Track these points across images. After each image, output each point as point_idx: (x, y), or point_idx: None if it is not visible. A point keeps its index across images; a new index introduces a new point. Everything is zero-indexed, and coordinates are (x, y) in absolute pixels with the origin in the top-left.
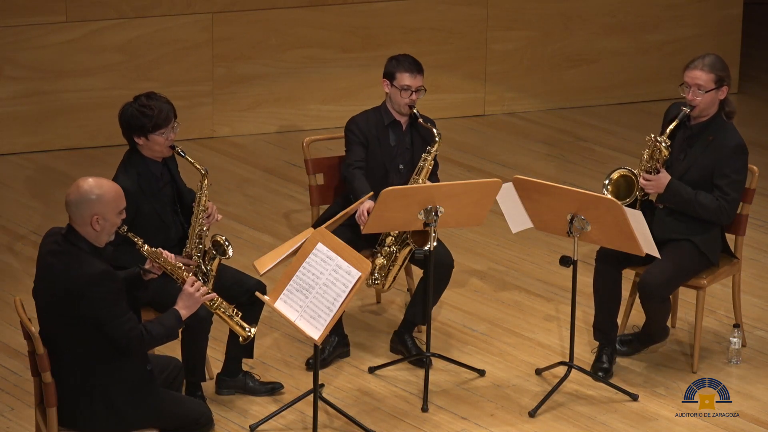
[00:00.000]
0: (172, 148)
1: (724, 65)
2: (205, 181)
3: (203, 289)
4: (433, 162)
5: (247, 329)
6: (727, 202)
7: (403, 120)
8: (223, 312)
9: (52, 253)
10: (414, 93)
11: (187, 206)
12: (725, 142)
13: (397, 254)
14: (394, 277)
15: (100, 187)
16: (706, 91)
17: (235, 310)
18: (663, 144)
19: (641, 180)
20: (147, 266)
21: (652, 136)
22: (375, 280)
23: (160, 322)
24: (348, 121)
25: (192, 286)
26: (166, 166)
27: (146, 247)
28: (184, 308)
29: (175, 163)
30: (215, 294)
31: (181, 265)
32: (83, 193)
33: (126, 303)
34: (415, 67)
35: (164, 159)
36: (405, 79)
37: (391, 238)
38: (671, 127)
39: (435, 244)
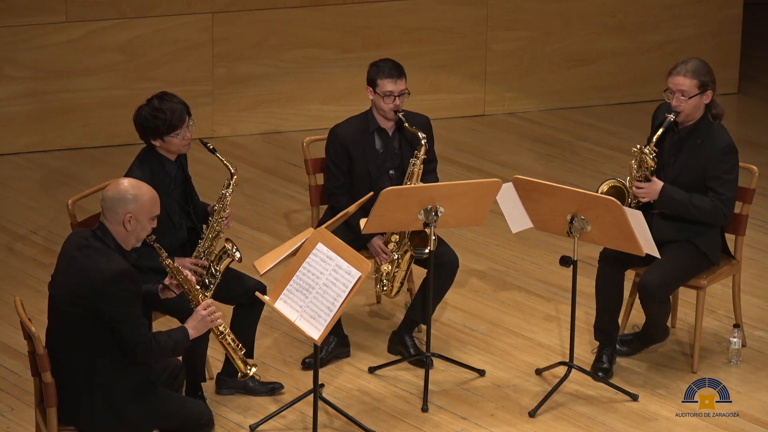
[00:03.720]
0: (204, 144)
1: (708, 69)
2: (233, 180)
3: (215, 314)
4: (422, 166)
5: (248, 367)
6: (722, 203)
7: (389, 125)
8: (228, 344)
9: (78, 247)
10: (397, 98)
11: (197, 212)
12: (714, 143)
13: (400, 260)
14: (401, 283)
15: (138, 188)
16: (690, 97)
17: (240, 345)
18: (648, 155)
19: (634, 189)
20: (167, 281)
21: (638, 146)
22: (383, 287)
23: (169, 335)
24: (329, 132)
25: (205, 309)
26: (181, 168)
27: (169, 261)
28: (192, 328)
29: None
30: (224, 323)
31: (199, 287)
32: (121, 191)
33: (141, 308)
34: (396, 72)
35: (179, 160)
36: (386, 85)
37: (393, 244)
38: (657, 134)
39: (434, 239)
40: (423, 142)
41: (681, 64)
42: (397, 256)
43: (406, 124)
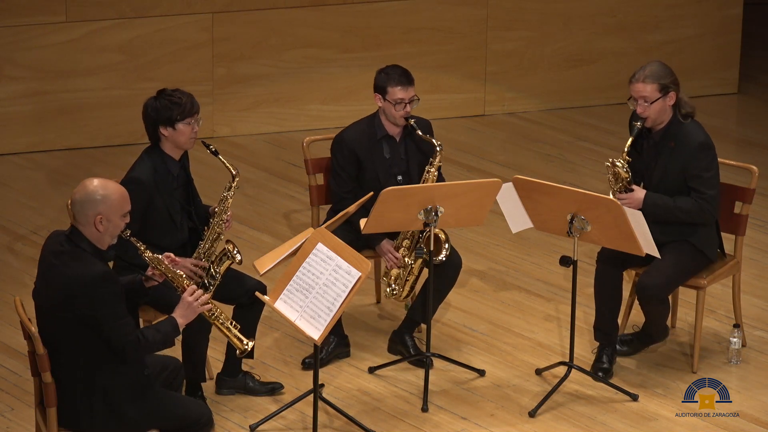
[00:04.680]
0: (207, 146)
1: (668, 71)
2: (234, 182)
3: (202, 298)
4: (436, 174)
5: (244, 342)
6: (706, 201)
7: (396, 132)
8: (221, 324)
9: (55, 254)
10: (408, 105)
11: (199, 213)
12: (687, 143)
13: (413, 265)
14: (412, 287)
15: (105, 188)
16: (652, 102)
17: (234, 322)
18: (621, 168)
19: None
20: (149, 272)
21: (611, 160)
22: (393, 290)
23: (156, 329)
24: (335, 138)
25: (191, 295)
26: (183, 168)
27: (148, 253)
28: (181, 317)
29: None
30: (213, 305)
31: (182, 273)
32: (88, 193)
33: (125, 307)
34: (406, 79)
35: (181, 161)
36: (397, 93)
37: (404, 249)
38: (628, 144)
39: (447, 248)
40: (438, 150)
41: (639, 71)
42: (410, 261)
43: (419, 132)
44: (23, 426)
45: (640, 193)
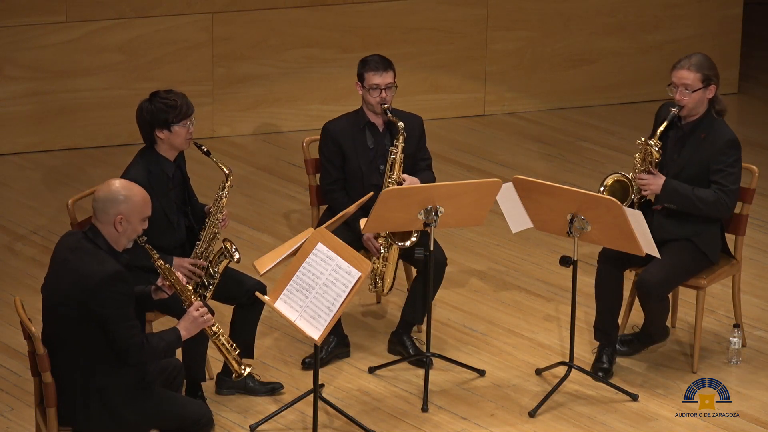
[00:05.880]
0: (199, 147)
1: (712, 64)
2: (228, 182)
3: (207, 316)
4: (403, 155)
5: (242, 367)
6: (726, 194)
7: (379, 121)
8: (222, 345)
9: (71, 249)
10: (383, 91)
11: (196, 213)
12: (717, 138)
13: (386, 253)
14: (393, 279)
15: (129, 189)
16: (693, 91)
17: (233, 344)
18: (654, 147)
19: (637, 181)
20: (159, 283)
21: (643, 139)
22: (376, 285)
23: (161, 336)
24: (322, 129)
25: (197, 310)
26: (179, 168)
27: (161, 262)
28: (184, 330)
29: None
30: (218, 326)
31: (191, 288)
32: (113, 192)
33: (133, 309)
34: (382, 65)
35: (177, 161)
36: (372, 78)
37: (382, 239)
38: (661, 128)
39: (416, 233)
40: (401, 130)
41: (685, 59)
42: (382, 250)
43: (389, 115)
44: (23, 426)
45: (660, 177)
